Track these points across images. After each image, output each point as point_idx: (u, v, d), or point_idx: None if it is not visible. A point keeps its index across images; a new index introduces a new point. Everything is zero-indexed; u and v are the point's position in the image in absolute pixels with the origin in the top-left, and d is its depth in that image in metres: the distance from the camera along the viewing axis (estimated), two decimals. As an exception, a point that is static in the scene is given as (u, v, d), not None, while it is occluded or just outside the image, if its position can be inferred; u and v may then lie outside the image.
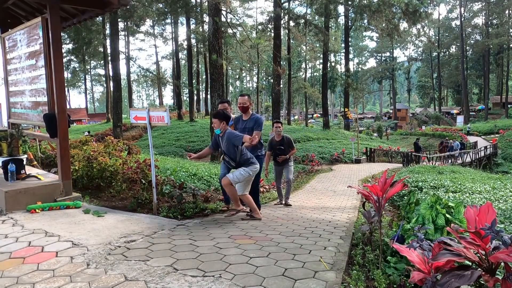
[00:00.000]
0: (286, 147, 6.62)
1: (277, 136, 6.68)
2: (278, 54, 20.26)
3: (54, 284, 2.38)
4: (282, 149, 6.60)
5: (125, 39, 45.57)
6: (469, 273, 1.56)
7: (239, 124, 5.21)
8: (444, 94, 70.86)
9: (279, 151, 6.62)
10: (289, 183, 6.85)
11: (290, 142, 6.69)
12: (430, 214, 2.78)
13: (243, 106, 5.15)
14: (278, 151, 6.62)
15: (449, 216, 2.74)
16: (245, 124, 5.14)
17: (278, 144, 6.63)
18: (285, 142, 6.63)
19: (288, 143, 6.65)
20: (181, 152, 19.54)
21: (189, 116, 34.64)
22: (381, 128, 43.27)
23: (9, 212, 4.04)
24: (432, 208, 2.84)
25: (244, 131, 4.97)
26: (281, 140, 6.64)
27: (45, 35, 4.40)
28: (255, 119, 5.13)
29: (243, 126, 5.13)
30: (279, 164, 6.70)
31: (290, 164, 6.80)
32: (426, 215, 2.81)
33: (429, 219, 2.74)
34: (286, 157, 6.60)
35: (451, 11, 64.13)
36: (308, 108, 61.28)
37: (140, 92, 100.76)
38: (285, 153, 6.62)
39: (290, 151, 6.66)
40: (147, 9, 27.70)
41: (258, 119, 5.15)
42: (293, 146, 6.74)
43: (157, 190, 4.84)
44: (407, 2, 20.08)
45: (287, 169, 6.78)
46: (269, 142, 6.88)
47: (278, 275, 2.52)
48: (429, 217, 2.76)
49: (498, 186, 6.81)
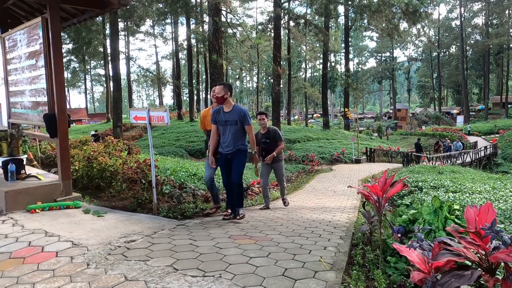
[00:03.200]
0: (272, 140, 5.96)
1: (263, 129, 6.07)
2: (278, 54, 20.26)
3: (54, 284, 2.38)
4: (268, 142, 5.94)
5: (125, 39, 45.59)
6: (469, 273, 1.56)
7: (220, 116, 4.58)
8: (444, 94, 70.85)
9: (264, 145, 5.98)
10: (281, 182, 6.36)
11: (276, 134, 6.02)
12: (438, 221, 2.74)
13: (217, 96, 4.51)
14: (263, 144, 5.98)
15: (457, 220, 2.72)
16: (227, 117, 4.53)
17: (264, 137, 5.99)
18: (271, 134, 5.97)
19: (274, 136, 5.99)
20: (181, 152, 19.52)
21: (189, 116, 34.64)
22: (381, 128, 43.27)
23: (9, 212, 4.03)
24: (436, 213, 2.82)
25: (227, 124, 4.52)
26: (266, 132, 6.02)
27: (45, 35, 4.40)
28: (238, 111, 4.52)
29: (225, 118, 4.53)
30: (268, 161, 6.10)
31: (280, 161, 6.16)
32: (433, 221, 2.77)
33: (439, 226, 2.71)
34: (273, 155, 5.95)
35: (451, 11, 64.14)
36: (308, 108, 61.28)
37: (140, 92, 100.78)
38: (271, 146, 5.97)
39: (276, 144, 5.98)
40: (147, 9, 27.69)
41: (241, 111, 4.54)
42: (280, 139, 6.04)
43: (157, 190, 4.84)
44: (407, 2, 20.08)
45: (277, 167, 6.15)
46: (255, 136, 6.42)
47: (278, 275, 2.52)
48: (438, 224, 2.73)
49: (498, 186, 6.80)
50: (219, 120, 4.59)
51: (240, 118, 4.50)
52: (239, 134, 4.56)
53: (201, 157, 20.14)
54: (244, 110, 4.60)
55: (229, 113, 4.52)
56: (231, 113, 4.53)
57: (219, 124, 4.61)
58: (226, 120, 4.51)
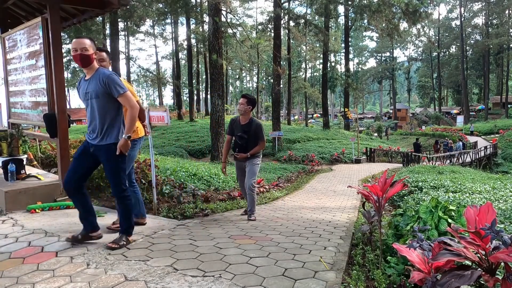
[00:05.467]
0: (252, 137, 4.62)
1: (243, 118, 4.70)
2: (278, 54, 20.26)
3: (54, 284, 2.38)
4: (245, 138, 4.61)
5: (125, 39, 45.59)
6: (469, 273, 1.56)
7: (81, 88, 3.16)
8: (444, 94, 70.84)
9: (240, 140, 4.64)
10: (249, 188, 4.67)
11: (258, 129, 4.65)
12: (432, 220, 2.76)
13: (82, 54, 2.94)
14: (239, 139, 4.64)
15: (451, 220, 2.73)
16: (88, 89, 3.06)
17: (241, 130, 4.66)
18: (252, 128, 4.63)
19: (256, 131, 4.64)
20: (181, 152, 19.52)
21: (189, 116, 34.62)
22: (381, 128, 43.27)
23: (9, 212, 4.04)
24: (432, 213, 2.83)
25: (86, 98, 3.10)
26: (247, 124, 4.66)
27: (45, 35, 4.40)
28: (100, 75, 3.01)
29: (86, 91, 3.08)
30: (239, 159, 4.75)
31: (255, 161, 4.72)
32: (427, 220, 2.79)
33: (432, 225, 2.73)
34: (247, 156, 4.60)
35: (451, 11, 64.13)
36: (308, 108, 61.26)
37: (140, 92, 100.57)
38: (249, 143, 4.62)
39: (256, 142, 4.66)
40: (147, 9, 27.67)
41: (105, 74, 3.00)
42: (262, 137, 4.68)
43: (157, 190, 4.84)
44: (407, 2, 20.07)
45: (249, 167, 4.69)
46: (230, 123, 4.85)
47: (278, 275, 2.52)
48: (431, 223, 2.75)
49: (498, 186, 6.80)
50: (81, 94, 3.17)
51: (104, 84, 2.97)
52: (107, 112, 3.04)
53: (201, 157, 20.15)
54: (110, 74, 3.02)
55: (89, 80, 3.05)
56: (91, 80, 3.03)
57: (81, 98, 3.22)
58: (86, 93, 3.07)
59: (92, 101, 3.02)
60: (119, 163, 3.04)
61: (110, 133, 3.03)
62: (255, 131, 4.64)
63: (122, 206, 3.12)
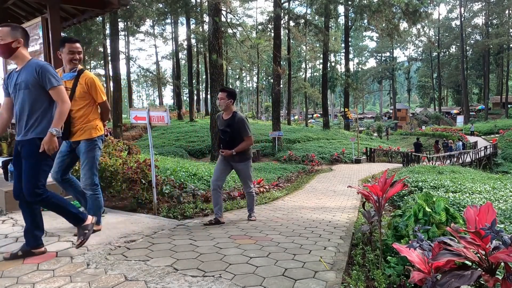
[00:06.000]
0: (235, 132, 4.34)
1: (225, 113, 4.44)
2: (278, 54, 20.26)
3: (54, 284, 2.38)
4: (228, 132, 4.35)
5: (125, 39, 45.63)
6: (469, 273, 1.56)
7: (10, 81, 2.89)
8: (444, 94, 70.87)
9: (223, 135, 4.42)
10: (247, 189, 4.60)
11: (241, 124, 4.34)
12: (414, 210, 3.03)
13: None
14: (222, 134, 4.44)
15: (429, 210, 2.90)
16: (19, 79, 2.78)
17: (224, 124, 4.41)
18: (235, 122, 4.33)
19: (239, 126, 4.33)
20: (181, 152, 19.54)
21: (189, 116, 34.65)
22: (381, 128, 43.29)
23: (9, 212, 4.04)
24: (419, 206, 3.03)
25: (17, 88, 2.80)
26: (229, 118, 4.39)
27: (45, 35, 4.41)
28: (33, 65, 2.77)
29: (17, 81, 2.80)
30: (225, 156, 4.42)
31: (244, 161, 4.44)
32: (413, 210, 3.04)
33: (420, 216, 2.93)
34: (232, 152, 4.30)
35: (451, 11, 64.15)
36: (308, 108, 61.29)
37: (140, 92, 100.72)
38: (233, 139, 4.34)
39: (240, 139, 4.34)
40: (147, 9, 27.71)
41: (38, 64, 2.77)
42: (246, 132, 4.34)
43: (157, 190, 4.84)
44: (407, 2, 20.08)
45: (239, 168, 4.47)
46: (215, 118, 4.78)
47: (278, 275, 2.52)
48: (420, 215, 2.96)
49: (498, 186, 6.80)
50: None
51: (37, 74, 2.71)
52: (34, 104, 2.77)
53: (201, 157, 20.16)
54: (44, 64, 2.81)
55: (20, 71, 2.80)
56: (22, 71, 2.78)
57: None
58: (16, 84, 2.79)
59: (22, 92, 2.72)
60: (40, 162, 2.69)
61: (37, 127, 2.74)
62: (238, 126, 4.34)
63: (36, 211, 2.82)
